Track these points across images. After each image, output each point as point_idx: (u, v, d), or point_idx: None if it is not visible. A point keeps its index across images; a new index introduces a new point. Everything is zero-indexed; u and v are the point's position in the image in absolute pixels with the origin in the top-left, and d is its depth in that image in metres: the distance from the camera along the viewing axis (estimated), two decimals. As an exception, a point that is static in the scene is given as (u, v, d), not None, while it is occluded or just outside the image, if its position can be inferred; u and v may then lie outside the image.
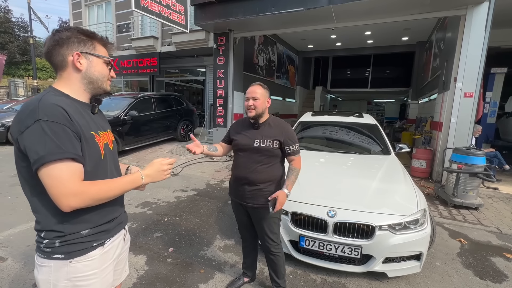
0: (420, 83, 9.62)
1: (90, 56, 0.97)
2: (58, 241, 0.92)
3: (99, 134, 1.00)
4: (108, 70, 1.03)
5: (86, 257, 0.96)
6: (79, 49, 0.94)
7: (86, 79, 0.97)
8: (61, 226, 0.91)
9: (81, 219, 0.94)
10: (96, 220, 0.98)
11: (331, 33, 9.45)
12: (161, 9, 5.93)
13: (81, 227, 0.94)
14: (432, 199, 4.18)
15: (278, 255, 1.86)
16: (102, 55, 1.00)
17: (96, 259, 0.98)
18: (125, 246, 1.23)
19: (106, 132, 1.05)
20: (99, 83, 1.01)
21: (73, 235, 0.93)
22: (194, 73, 11.82)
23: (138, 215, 3.35)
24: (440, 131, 5.07)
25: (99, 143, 0.98)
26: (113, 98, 7.34)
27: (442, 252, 2.67)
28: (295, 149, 1.75)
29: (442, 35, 6.45)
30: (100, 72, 1.00)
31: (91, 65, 0.97)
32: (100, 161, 0.98)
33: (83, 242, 0.95)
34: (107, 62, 1.02)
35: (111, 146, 1.08)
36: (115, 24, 11.03)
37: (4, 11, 25.57)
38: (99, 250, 0.99)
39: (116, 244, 1.10)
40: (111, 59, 1.04)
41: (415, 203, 2.20)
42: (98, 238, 0.99)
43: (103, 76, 1.01)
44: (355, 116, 4.03)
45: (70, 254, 0.92)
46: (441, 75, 5.51)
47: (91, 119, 0.98)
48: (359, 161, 3.14)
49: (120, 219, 1.13)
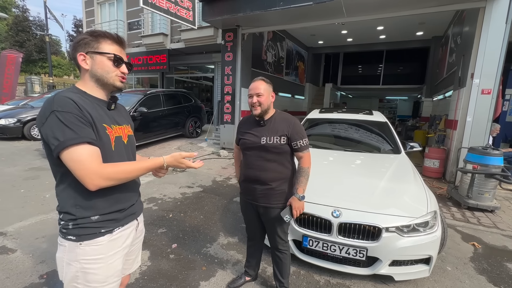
0: (435, 79, 9.26)
1: (94, 55, 1.03)
2: (71, 224, 1.02)
3: (112, 127, 1.07)
4: (112, 65, 1.06)
5: (95, 241, 1.04)
6: (85, 50, 1.03)
7: (93, 77, 1.06)
8: (74, 210, 1.02)
9: (92, 206, 1.03)
10: (105, 207, 1.06)
11: (342, 28, 9.22)
12: (169, 5, 5.93)
13: (91, 213, 1.03)
14: (444, 200, 4.03)
15: (285, 253, 1.83)
16: (104, 51, 1.04)
17: (104, 244, 1.06)
18: (139, 238, 1.30)
19: (121, 127, 1.13)
20: (105, 79, 1.06)
21: (84, 219, 1.02)
22: (203, 70, 11.86)
23: (144, 211, 3.36)
24: (455, 129, 4.86)
25: (110, 135, 1.05)
26: (123, 94, 7.44)
27: (454, 256, 2.56)
28: (303, 144, 1.66)
29: (459, 29, 6.16)
30: (103, 68, 1.04)
31: (94, 63, 1.04)
32: (110, 152, 1.06)
33: (92, 227, 1.04)
34: (111, 58, 1.05)
35: (125, 140, 1.15)
36: (126, 21, 11.17)
37: (22, 10, 26.44)
38: (107, 237, 1.07)
39: (126, 233, 1.16)
40: (116, 54, 1.06)
41: (425, 204, 2.10)
42: (106, 225, 1.07)
43: (107, 72, 1.05)
44: (364, 114, 3.91)
45: (81, 237, 1.02)
46: (457, 71, 5.27)
47: (105, 114, 1.07)
48: (367, 160, 3.04)
49: (132, 210, 1.18)
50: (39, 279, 2.06)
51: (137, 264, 1.36)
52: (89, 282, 1.05)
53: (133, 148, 1.25)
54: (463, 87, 4.71)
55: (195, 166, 1.14)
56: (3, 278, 2.05)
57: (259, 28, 6.66)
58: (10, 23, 24.98)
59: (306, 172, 1.67)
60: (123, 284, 1.38)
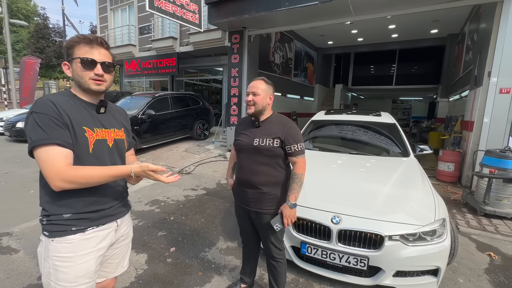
0: (451, 79, 8.88)
1: (71, 62, 1.06)
2: (45, 220, 1.06)
3: (95, 130, 1.08)
4: (82, 69, 1.04)
5: (65, 239, 1.04)
6: (67, 59, 1.07)
7: (75, 83, 1.09)
8: (48, 206, 1.05)
9: (65, 203, 1.05)
10: (79, 207, 1.07)
11: (352, 28, 9.02)
12: (175, 9, 5.99)
13: (63, 211, 1.05)
14: (459, 206, 3.80)
15: (280, 261, 1.75)
16: (74, 57, 1.04)
17: (74, 243, 1.06)
18: (123, 242, 1.29)
19: (107, 130, 1.14)
20: (82, 84, 1.07)
21: (56, 216, 1.05)
22: (212, 73, 11.94)
23: (146, 213, 3.39)
24: (471, 131, 4.60)
25: (89, 138, 1.06)
26: (133, 98, 7.61)
27: (467, 267, 2.38)
28: (297, 149, 1.58)
29: (475, 26, 5.87)
30: (77, 73, 1.06)
31: (72, 70, 1.07)
32: (87, 155, 1.06)
33: (62, 225, 1.05)
34: (78, 62, 1.04)
35: (111, 143, 1.15)
36: (137, 26, 11.43)
37: (42, 18, 27.73)
38: (79, 235, 1.06)
39: (102, 234, 1.14)
40: (83, 57, 1.04)
41: (433, 211, 1.96)
42: (78, 224, 1.07)
43: (80, 77, 1.06)
44: (372, 115, 3.76)
45: (52, 233, 1.04)
46: (473, 69, 5.00)
47: (90, 116, 1.09)
48: (373, 163, 2.91)
49: (110, 212, 1.16)
50: (37, 280, 2.08)
51: (122, 268, 1.34)
52: (58, 280, 1.05)
53: (121, 151, 1.24)
54: (480, 86, 4.46)
55: (166, 180, 1.07)
56: (3, 278, 2.09)
57: (266, 30, 6.61)
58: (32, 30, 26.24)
59: (300, 179, 1.58)
60: (108, 287, 1.36)
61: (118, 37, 12.09)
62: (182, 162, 6.02)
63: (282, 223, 1.57)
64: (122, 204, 1.24)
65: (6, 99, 15.13)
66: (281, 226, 1.58)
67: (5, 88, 16.32)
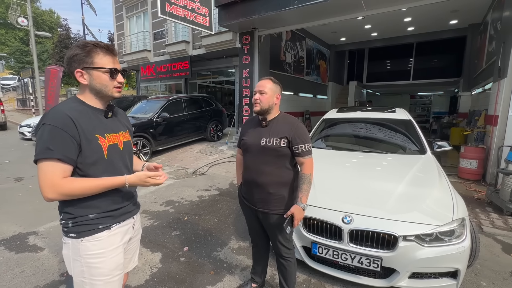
0: (473, 71, 8.41)
1: (90, 70, 1.07)
2: (70, 222, 1.09)
3: (106, 136, 1.13)
4: (109, 79, 1.09)
5: (94, 237, 1.10)
6: (80, 66, 1.06)
7: (92, 90, 1.11)
8: (72, 209, 1.08)
9: (89, 205, 1.09)
10: (104, 207, 1.13)
11: (365, 23, 8.80)
12: (186, 13, 6.12)
13: (88, 211, 1.10)
14: (483, 206, 3.60)
15: (290, 261, 1.74)
16: (100, 66, 1.07)
17: (104, 239, 1.12)
18: (136, 237, 1.35)
19: (116, 134, 1.18)
20: (104, 92, 1.11)
21: (82, 217, 1.09)
22: (224, 74, 12.05)
23: (161, 213, 3.48)
24: (495, 125, 4.34)
25: (103, 144, 1.11)
26: (148, 101, 7.83)
27: (491, 269, 2.25)
28: (305, 149, 1.56)
29: (499, 14, 5.53)
30: (101, 83, 1.09)
31: (92, 78, 1.08)
32: (103, 160, 1.11)
33: (90, 224, 1.10)
34: (107, 72, 1.08)
35: (121, 146, 1.20)
36: (152, 32, 11.77)
37: (65, 29, 29.23)
38: (106, 232, 1.13)
39: (124, 230, 1.21)
40: (112, 68, 1.09)
41: (451, 210, 1.87)
42: (104, 222, 1.13)
43: (105, 86, 1.10)
44: (386, 112, 3.64)
45: (80, 233, 1.09)
46: (496, 60, 4.72)
47: (100, 123, 1.12)
48: (387, 161, 2.82)
49: (128, 209, 1.24)
50: (59, 277, 2.19)
51: (133, 264, 1.39)
52: (93, 275, 1.10)
53: (130, 153, 1.29)
54: (504, 77, 4.20)
55: (160, 182, 1.15)
56: (29, 274, 2.22)
57: (276, 29, 6.59)
58: (55, 41, 27.70)
59: (308, 180, 1.57)
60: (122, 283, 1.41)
61: (134, 43, 12.51)
62: (196, 163, 6.12)
63: (292, 225, 1.55)
64: (134, 201, 1.31)
65: (34, 106, 16.10)
66: (292, 229, 1.58)
67: (32, 96, 17.38)
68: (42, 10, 34.60)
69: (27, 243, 2.74)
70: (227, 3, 5.79)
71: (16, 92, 21.90)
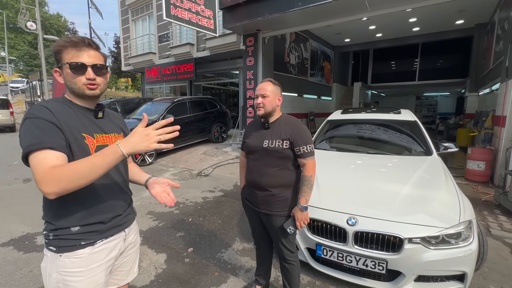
0: (480, 71, 8.30)
1: (62, 68, 1.00)
2: (52, 234, 0.99)
3: (95, 136, 1.04)
4: (73, 74, 0.98)
5: (74, 254, 0.99)
6: (57, 65, 1.01)
7: (68, 89, 1.03)
8: (54, 219, 0.99)
9: (70, 214, 0.99)
10: (85, 217, 1.01)
11: (369, 23, 8.77)
12: (191, 16, 6.18)
13: (71, 223, 0.99)
14: (491, 208, 3.54)
15: (293, 264, 1.74)
16: (63, 62, 0.98)
17: (84, 257, 1.01)
18: (132, 249, 1.24)
19: (108, 135, 1.09)
20: (75, 90, 1.01)
21: (63, 230, 0.98)
22: (229, 76, 12.11)
23: (165, 214, 3.51)
24: (503, 126, 4.27)
25: (90, 144, 1.01)
26: (153, 103, 7.92)
27: (500, 273, 2.21)
28: (307, 150, 1.56)
29: (506, 13, 5.45)
30: (69, 79, 1.00)
31: (64, 76, 1.01)
32: None
33: (72, 239, 0.99)
34: (71, 66, 0.97)
35: None
36: (157, 34, 11.89)
37: (72, 32, 29.76)
38: (88, 249, 1.02)
39: (111, 246, 1.10)
40: (72, 62, 0.97)
41: (457, 212, 1.85)
42: (87, 238, 1.02)
43: (73, 83, 1.00)
44: (391, 113, 3.62)
45: (60, 248, 0.98)
46: (504, 60, 4.66)
47: (89, 122, 1.04)
48: (392, 162, 2.80)
49: (118, 221, 1.12)
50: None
51: (132, 275, 1.30)
52: None
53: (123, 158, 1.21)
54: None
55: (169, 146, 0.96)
56: (37, 274, 2.26)
57: (280, 31, 6.61)
58: (63, 44, 28.30)
59: (309, 181, 1.56)
60: None
61: (140, 46, 12.66)
62: (200, 165, 6.16)
63: (295, 226, 1.56)
64: (128, 211, 1.20)
65: (41, 108, 16.37)
66: (294, 229, 1.58)
67: (40, 99, 17.72)
68: (50, 14, 35.31)
69: (35, 243, 2.78)
70: (231, 5, 5.83)
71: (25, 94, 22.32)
